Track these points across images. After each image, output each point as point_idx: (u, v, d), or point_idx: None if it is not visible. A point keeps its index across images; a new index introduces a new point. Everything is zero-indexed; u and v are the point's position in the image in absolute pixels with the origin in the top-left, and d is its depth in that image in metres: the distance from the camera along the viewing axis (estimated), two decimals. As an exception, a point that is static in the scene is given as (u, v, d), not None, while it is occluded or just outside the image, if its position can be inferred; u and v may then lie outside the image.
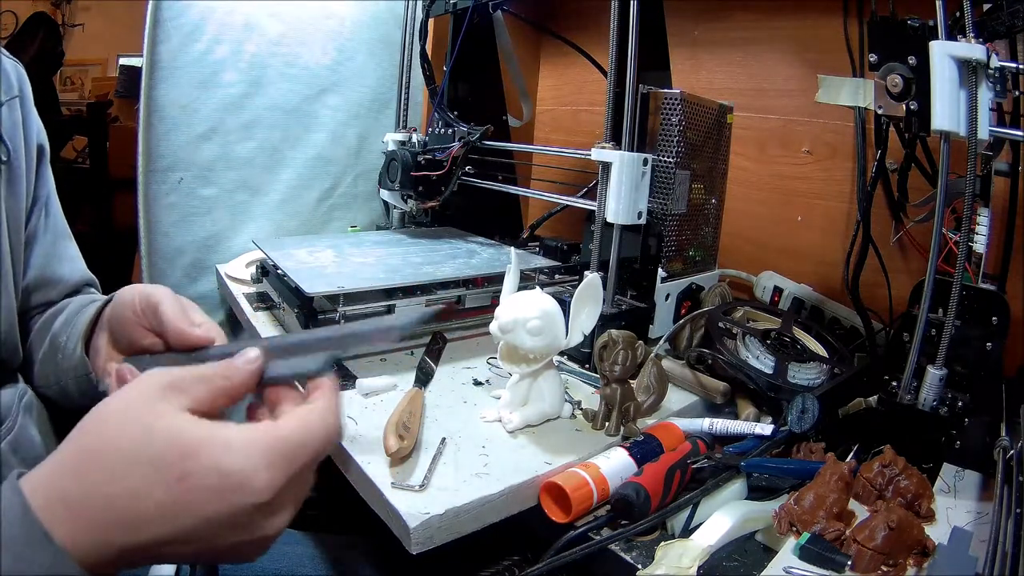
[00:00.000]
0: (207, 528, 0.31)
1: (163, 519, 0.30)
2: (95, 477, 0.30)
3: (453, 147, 0.98)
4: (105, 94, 3.15)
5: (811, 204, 0.97)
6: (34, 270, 0.62)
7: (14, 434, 0.53)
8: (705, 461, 0.54)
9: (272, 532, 0.33)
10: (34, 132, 0.60)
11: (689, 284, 0.83)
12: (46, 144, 0.62)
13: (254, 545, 0.33)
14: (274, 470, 0.32)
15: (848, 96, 0.64)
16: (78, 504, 0.29)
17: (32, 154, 0.60)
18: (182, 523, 0.30)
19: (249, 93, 1.06)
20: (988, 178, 0.62)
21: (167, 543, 0.30)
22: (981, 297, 0.58)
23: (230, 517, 0.31)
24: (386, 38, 1.20)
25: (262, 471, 0.31)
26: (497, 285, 0.78)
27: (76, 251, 0.69)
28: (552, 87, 1.42)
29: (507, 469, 0.51)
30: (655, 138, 0.79)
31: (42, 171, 0.62)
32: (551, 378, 0.60)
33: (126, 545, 0.30)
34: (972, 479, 0.55)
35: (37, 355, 0.60)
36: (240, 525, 0.31)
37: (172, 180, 1.01)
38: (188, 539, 0.31)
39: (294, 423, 0.34)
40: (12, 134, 0.56)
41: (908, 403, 0.57)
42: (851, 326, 0.84)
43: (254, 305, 0.85)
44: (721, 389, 0.68)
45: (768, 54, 1.00)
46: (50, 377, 0.57)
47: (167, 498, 0.30)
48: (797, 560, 0.43)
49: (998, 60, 0.52)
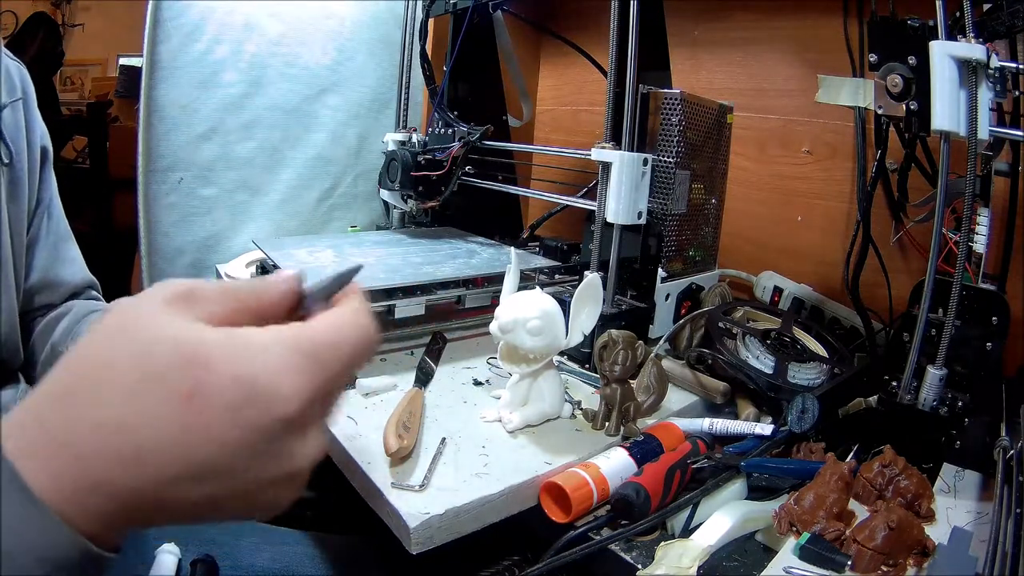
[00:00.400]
0: (226, 457, 0.25)
1: (171, 449, 0.24)
2: (81, 400, 0.24)
3: (453, 147, 0.98)
4: (105, 94, 3.15)
5: (811, 204, 0.97)
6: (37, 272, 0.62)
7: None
8: (705, 461, 0.54)
9: (304, 463, 0.27)
10: (37, 134, 0.60)
11: (689, 284, 0.83)
12: (49, 146, 0.62)
13: (284, 483, 0.27)
14: (303, 375, 0.26)
15: (848, 96, 0.64)
16: (61, 434, 0.23)
17: (35, 156, 0.59)
18: (195, 453, 0.24)
19: (249, 93, 1.06)
20: (988, 178, 0.62)
21: (177, 482, 0.24)
22: (981, 297, 0.58)
23: (254, 438, 0.25)
24: (386, 38, 1.20)
25: (290, 374, 0.26)
26: (497, 285, 0.78)
27: (77, 253, 0.69)
28: (552, 87, 1.42)
29: (507, 469, 0.51)
30: (655, 138, 0.79)
31: (45, 173, 0.62)
32: (551, 378, 0.60)
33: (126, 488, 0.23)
34: (972, 479, 0.55)
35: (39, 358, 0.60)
36: (266, 452, 0.25)
37: (172, 180, 1.01)
38: (203, 475, 0.24)
39: (324, 324, 0.28)
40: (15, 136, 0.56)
41: (908, 403, 0.57)
42: (851, 326, 0.84)
43: (254, 305, 0.85)
44: (721, 389, 0.68)
45: (768, 54, 1.00)
46: None
47: (174, 419, 0.24)
48: (797, 560, 0.43)
49: (998, 60, 0.52)
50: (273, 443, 0.26)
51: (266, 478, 0.26)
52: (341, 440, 0.54)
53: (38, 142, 0.60)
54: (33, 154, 0.59)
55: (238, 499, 0.26)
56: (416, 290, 0.74)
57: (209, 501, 0.25)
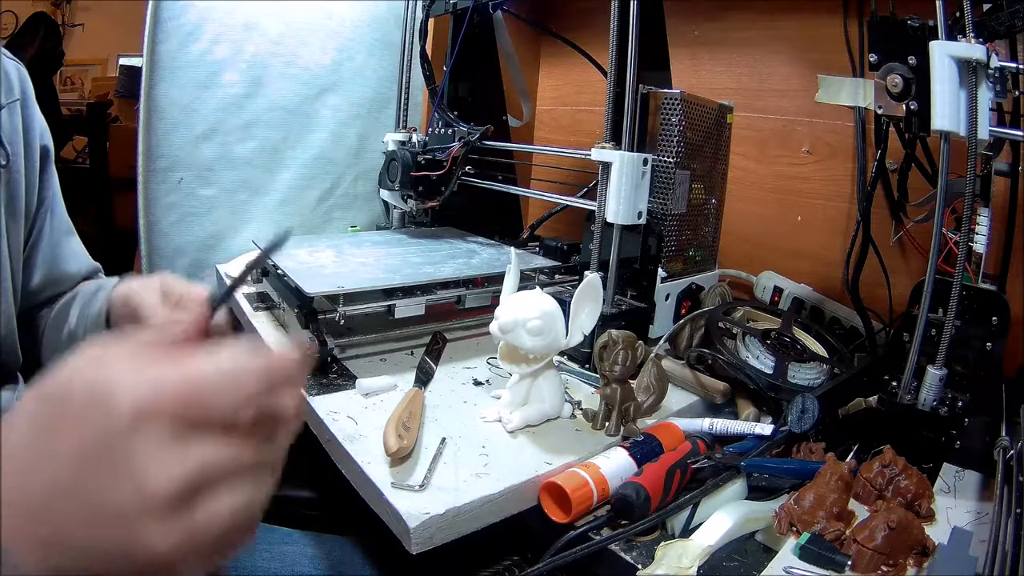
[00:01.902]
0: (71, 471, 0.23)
1: (42, 466, 0.23)
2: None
3: (453, 147, 0.98)
4: (105, 94, 3.14)
5: (811, 204, 0.97)
6: (40, 271, 0.62)
7: None
8: (705, 461, 0.54)
9: (161, 483, 0.23)
10: (36, 134, 0.59)
11: (689, 284, 0.83)
12: (50, 144, 0.62)
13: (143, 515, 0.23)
14: (152, 385, 0.24)
15: (848, 96, 0.64)
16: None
17: (35, 156, 0.59)
18: (54, 467, 0.23)
19: (249, 93, 1.06)
20: (988, 178, 0.62)
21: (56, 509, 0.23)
22: (981, 297, 0.58)
23: (93, 448, 0.23)
24: (386, 38, 1.20)
25: (136, 382, 0.23)
26: (497, 285, 0.78)
27: (79, 245, 0.69)
28: (552, 87, 1.42)
29: (507, 469, 0.51)
30: (655, 138, 0.79)
31: (46, 172, 0.62)
32: (551, 378, 0.60)
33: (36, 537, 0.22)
34: (972, 479, 0.55)
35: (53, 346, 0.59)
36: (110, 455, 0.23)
37: (172, 180, 1.01)
38: (60, 496, 0.23)
39: (209, 357, 0.26)
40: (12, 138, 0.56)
41: (908, 403, 0.57)
42: (851, 326, 0.84)
43: (254, 305, 0.85)
44: (721, 389, 0.68)
45: (768, 54, 1.00)
46: None
47: (44, 436, 0.23)
48: (797, 560, 0.43)
49: (998, 60, 0.52)
50: (116, 441, 0.23)
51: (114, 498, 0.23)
52: (341, 440, 0.54)
53: (37, 142, 0.60)
54: (32, 155, 0.59)
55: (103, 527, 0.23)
56: (416, 290, 0.74)
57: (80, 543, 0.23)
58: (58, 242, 0.65)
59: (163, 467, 0.23)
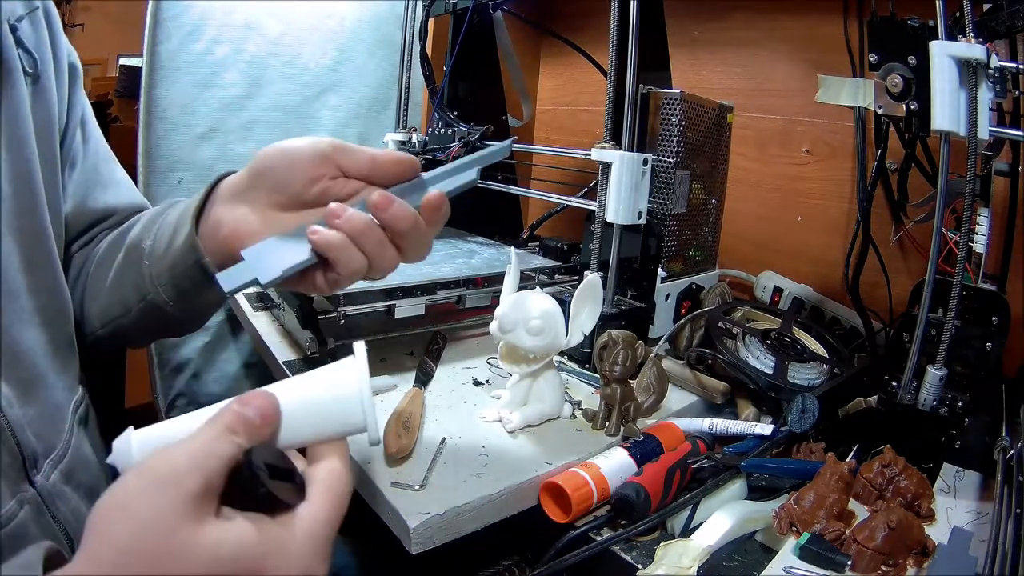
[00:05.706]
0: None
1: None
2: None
3: (453, 147, 0.98)
4: (105, 94, 3.14)
5: (811, 204, 0.97)
6: (73, 199, 0.55)
7: (68, 458, 0.46)
8: (705, 461, 0.54)
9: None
10: (63, 51, 0.53)
11: (689, 284, 0.83)
12: (78, 64, 0.55)
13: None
14: (324, 558, 0.31)
15: (848, 96, 0.64)
16: None
17: (63, 70, 0.52)
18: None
19: (249, 93, 1.06)
20: (988, 178, 0.62)
21: None
22: (981, 297, 0.58)
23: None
24: (386, 38, 1.20)
25: (320, 566, 0.31)
26: (497, 285, 0.78)
27: (123, 175, 0.61)
28: (552, 87, 1.42)
29: (507, 469, 0.51)
30: (655, 138, 0.79)
31: (75, 92, 0.55)
32: (551, 378, 0.60)
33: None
34: (972, 479, 0.55)
35: (101, 287, 0.53)
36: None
37: (172, 180, 1.01)
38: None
39: (324, 500, 0.33)
40: (39, 47, 0.49)
41: (908, 403, 0.57)
42: (851, 326, 0.84)
43: (254, 305, 0.85)
44: (721, 389, 0.68)
45: (768, 54, 1.00)
46: (129, 298, 0.50)
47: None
48: (797, 560, 0.43)
49: (998, 60, 0.52)
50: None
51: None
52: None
53: (64, 58, 0.52)
54: (60, 67, 0.52)
55: None
56: (416, 290, 0.74)
57: None
58: (95, 168, 0.57)
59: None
